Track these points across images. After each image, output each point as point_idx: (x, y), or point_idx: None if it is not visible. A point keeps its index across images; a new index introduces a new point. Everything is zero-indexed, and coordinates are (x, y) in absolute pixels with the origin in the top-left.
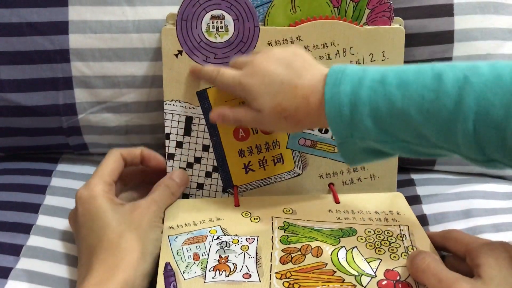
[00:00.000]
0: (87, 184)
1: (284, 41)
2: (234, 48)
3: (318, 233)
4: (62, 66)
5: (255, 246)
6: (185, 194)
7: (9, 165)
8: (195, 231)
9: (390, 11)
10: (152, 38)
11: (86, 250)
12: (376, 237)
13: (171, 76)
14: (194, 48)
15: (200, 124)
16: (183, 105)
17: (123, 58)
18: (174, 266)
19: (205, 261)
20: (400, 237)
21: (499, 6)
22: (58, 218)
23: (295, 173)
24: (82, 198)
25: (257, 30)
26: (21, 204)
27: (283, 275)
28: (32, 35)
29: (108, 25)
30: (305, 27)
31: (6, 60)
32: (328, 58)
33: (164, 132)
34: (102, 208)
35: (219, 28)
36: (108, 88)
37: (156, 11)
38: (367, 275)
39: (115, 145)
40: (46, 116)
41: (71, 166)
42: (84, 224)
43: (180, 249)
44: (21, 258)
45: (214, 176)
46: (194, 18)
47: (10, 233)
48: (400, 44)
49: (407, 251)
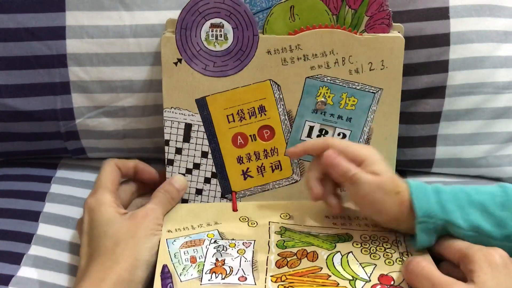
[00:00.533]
0: (94, 193)
1: (283, 49)
2: (233, 56)
3: (314, 238)
4: (59, 71)
5: (251, 250)
6: (184, 199)
7: (7, 171)
8: (193, 234)
9: (389, 18)
10: (149, 42)
11: (85, 256)
12: (371, 243)
13: (171, 84)
14: (193, 56)
15: (199, 131)
16: (182, 112)
17: (120, 63)
18: (171, 268)
19: (201, 264)
20: (396, 243)
21: (494, 8)
22: (59, 227)
23: (293, 179)
24: (90, 207)
25: (256, 38)
26: (21, 212)
27: (278, 279)
28: (30, 40)
29: (105, 30)
30: (304, 35)
31: (3, 65)
32: (327, 67)
33: (162, 136)
34: (104, 217)
35: (218, 37)
36: (105, 93)
37: (153, 16)
38: (361, 279)
39: (113, 150)
40: (44, 121)
41: (70, 173)
42: (87, 231)
43: (177, 252)
44: (21, 266)
45: (212, 182)
46: (194, 27)
47: (11, 242)
48: (399, 53)
49: (402, 257)
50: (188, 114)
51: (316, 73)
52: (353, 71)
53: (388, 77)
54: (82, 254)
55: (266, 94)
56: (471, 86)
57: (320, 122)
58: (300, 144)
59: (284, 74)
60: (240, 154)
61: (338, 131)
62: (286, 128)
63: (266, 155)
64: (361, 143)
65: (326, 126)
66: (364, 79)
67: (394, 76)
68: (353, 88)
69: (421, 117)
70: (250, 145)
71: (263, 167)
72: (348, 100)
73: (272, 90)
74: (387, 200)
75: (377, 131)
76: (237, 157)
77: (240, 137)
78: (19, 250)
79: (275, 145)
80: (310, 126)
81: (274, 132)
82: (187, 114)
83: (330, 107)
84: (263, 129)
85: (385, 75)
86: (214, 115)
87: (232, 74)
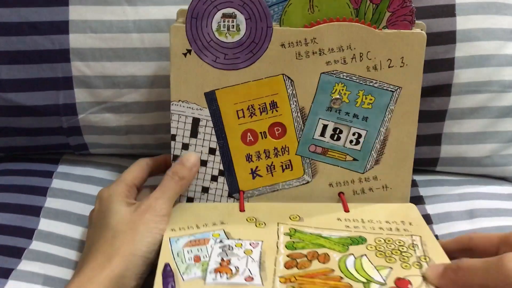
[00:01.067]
0: (109, 185)
1: (298, 43)
2: (245, 48)
3: (325, 240)
4: (62, 66)
5: (259, 250)
6: (190, 198)
7: (9, 166)
8: (198, 234)
9: (412, 15)
10: (152, 38)
11: (87, 248)
12: (386, 246)
13: (179, 76)
14: (203, 48)
15: (207, 126)
16: (190, 106)
17: (124, 58)
18: (174, 267)
19: (206, 264)
20: (412, 247)
21: (501, 6)
22: (60, 223)
23: (304, 180)
24: (100, 197)
25: (270, 30)
26: (22, 206)
27: (288, 280)
28: (32, 35)
29: (109, 25)
30: (320, 28)
31: (5, 59)
32: (344, 63)
33: (165, 133)
34: (111, 208)
35: (230, 28)
36: (108, 88)
37: (157, 11)
38: (376, 282)
39: (115, 146)
40: (46, 116)
41: (72, 168)
42: (94, 222)
43: (180, 251)
44: (22, 260)
45: (220, 180)
46: (205, 16)
47: (12, 237)
48: (420, 50)
49: (419, 260)
50: (196, 108)
51: (332, 69)
52: (371, 67)
53: (407, 75)
54: (85, 246)
55: (279, 90)
56: (477, 85)
57: (335, 121)
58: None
59: (298, 69)
60: (249, 152)
61: (353, 130)
62: (298, 126)
63: (277, 153)
64: (376, 144)
65: (341, 125)
66: (383, 76)
67: (414, 74)
68: (370, 85)
69: (426, 116)
70: (260, 143)
71: (273, 166)
72: (364, 98)
73: (285, 85)
74: None
75: (394, 132)
76: (246, 154)
77: (250, 134)
78: (21, 244)
79: (286, 143)
80: (323, 124)
81: (286, 130)
82: (195, 108)
83: (346, 105)
84: (274, 126)
85: (404, 73)
86: (223, 110)
87: (244, 67)
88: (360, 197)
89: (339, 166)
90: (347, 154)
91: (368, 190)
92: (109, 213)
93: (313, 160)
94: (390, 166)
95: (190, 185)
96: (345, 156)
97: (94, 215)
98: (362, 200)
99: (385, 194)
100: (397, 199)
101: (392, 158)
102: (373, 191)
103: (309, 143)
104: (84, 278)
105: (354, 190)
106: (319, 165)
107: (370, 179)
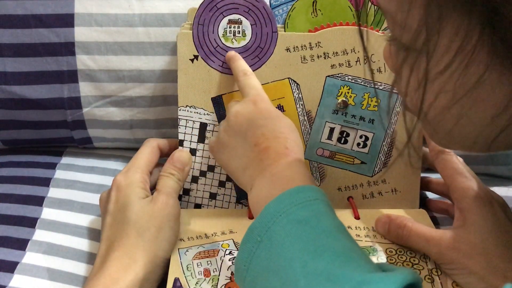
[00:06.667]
0: (125, 172)
1: (303, 47)
2: (251, 53)
3: None
4: (67, 59)
5: None
6: (198, 204)
7: (13, 158)
8: (207, 244)
9: None
10: (158, 32)
11: (107, 241)
12: (398, 258)
13: (186, 81)
14: (210, 53)
15: (215, 131)
16: (197, 111)
17: (129, 52)
18: (183, 282)
19: (216, 278)
20: (424, 259)
21: None
22: (63, 211)
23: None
24: (119, 185)
25: (275, 35)
26: (25, 197)
27: None
28: (38, 28)
29: (114, 19)
30: (324, 33)
31: (10, 52)
32: (348, 66)
33: (170, 127)
34: (131, 199)
35: (236, 33)
36: (113, 82)
37: (163, 5)
38: None
39: (119, 140)
40: (51, 109)
41: (75, 159)
42: (112, 212)
43: (190, 263)
44: (27, 252)
45: (227, 186)
46: (211, 23)
47: (16, 227)
48: None
49: (431, 274)
50: (204, 113)
51: (337, 72)
52: (375, 70)
53: None
54: (104, 237)
55: (285, 93)
56: None
57: (341, 124)
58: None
59: (303, 73)
60: None
61: (360, 133)
62: (305, 129)
63: None
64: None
65: (348, 128)
66: (387, 78)
67: None
68: (375, 88)
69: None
70: None
71: None
72: (370, 101)
73: (291, 89)
74: None
75: (401, 134)
76: None
77: None
78: (24, 235)
79: None
80: (330, 127)
81: None
82: (203, 113)
83: (352, 108)
84: None
85: None
86: None
87: None
88: (370, 202)
89: (347, 170)
90: (355, 157)
91: (378, 194)
92: (130, 206)
93: (321, 164)
94: (399, 169)
95: (198, 192)
96: (353, 159)
97: (112, 205)
98: (371, 205)
99: (395, 197)
100: (406, 202)
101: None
102: (382, 195)
103: (317, 147)
104: (109, 281)
105: (363, 194)
106: (327, 169)
107: (379, 182)
